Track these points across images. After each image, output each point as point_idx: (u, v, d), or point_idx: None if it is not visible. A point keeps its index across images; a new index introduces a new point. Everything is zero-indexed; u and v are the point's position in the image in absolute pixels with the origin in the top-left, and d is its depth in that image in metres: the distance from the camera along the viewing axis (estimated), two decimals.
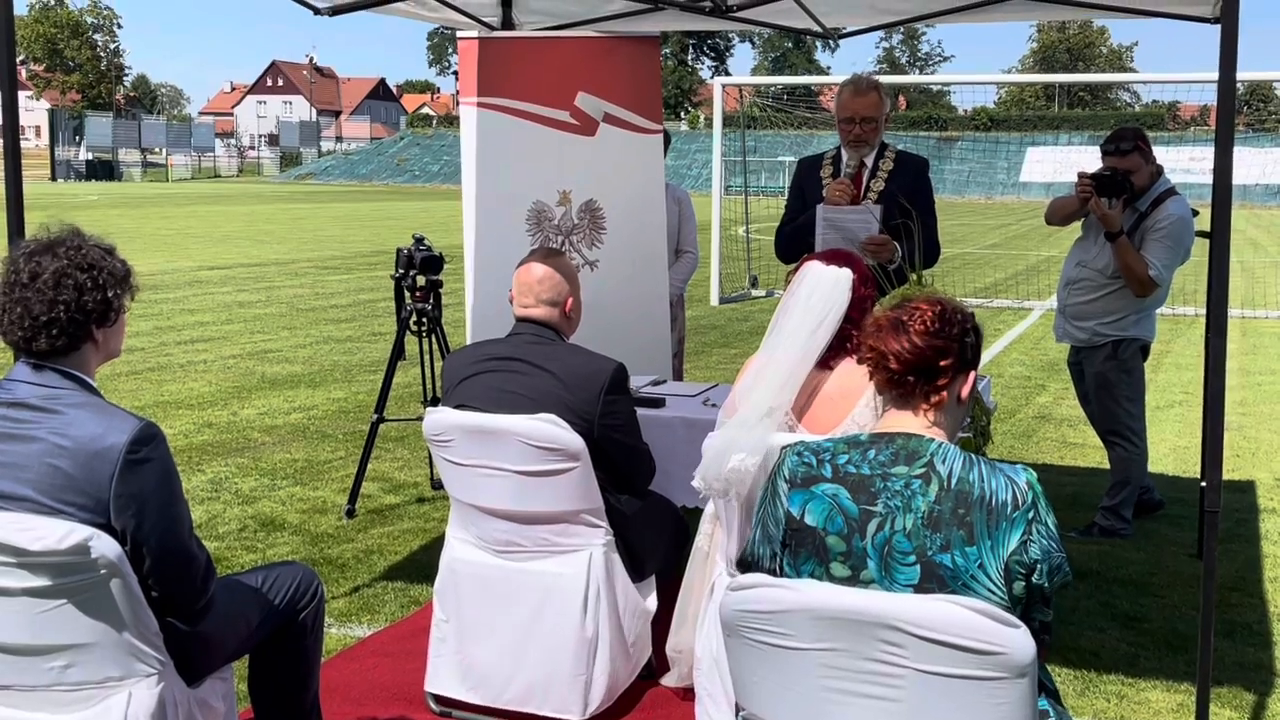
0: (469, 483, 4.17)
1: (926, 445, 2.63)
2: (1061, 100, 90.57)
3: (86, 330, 2.98)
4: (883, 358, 2.70)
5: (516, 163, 6.22)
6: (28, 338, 2.94)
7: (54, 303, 2.93)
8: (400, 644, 4.82)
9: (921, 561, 2.54)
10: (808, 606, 2.46)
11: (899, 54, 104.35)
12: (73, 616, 2.90)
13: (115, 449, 2.86)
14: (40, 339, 2.93)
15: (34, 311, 2.92)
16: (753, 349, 13.50)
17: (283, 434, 8.47)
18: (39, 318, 2.92)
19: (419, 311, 6.60)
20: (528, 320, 4.26)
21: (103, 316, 3.00)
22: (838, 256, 3.93)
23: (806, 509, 2.65)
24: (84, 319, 2.96)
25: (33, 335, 2.93)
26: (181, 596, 3.04)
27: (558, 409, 4.04)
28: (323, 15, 5.49)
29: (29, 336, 2.94)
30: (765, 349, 3.88)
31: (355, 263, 22.27)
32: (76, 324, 2.95)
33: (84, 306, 2.95)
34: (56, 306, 2.93)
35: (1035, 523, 2.56)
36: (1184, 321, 15.44)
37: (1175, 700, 4.44)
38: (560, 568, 4.18)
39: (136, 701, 2.98)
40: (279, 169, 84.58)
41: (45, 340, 2.93)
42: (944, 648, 2.36)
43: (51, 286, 2.93)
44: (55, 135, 74.34)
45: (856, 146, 5.42)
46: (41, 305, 2.92)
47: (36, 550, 2.80)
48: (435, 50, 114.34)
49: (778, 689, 2.55)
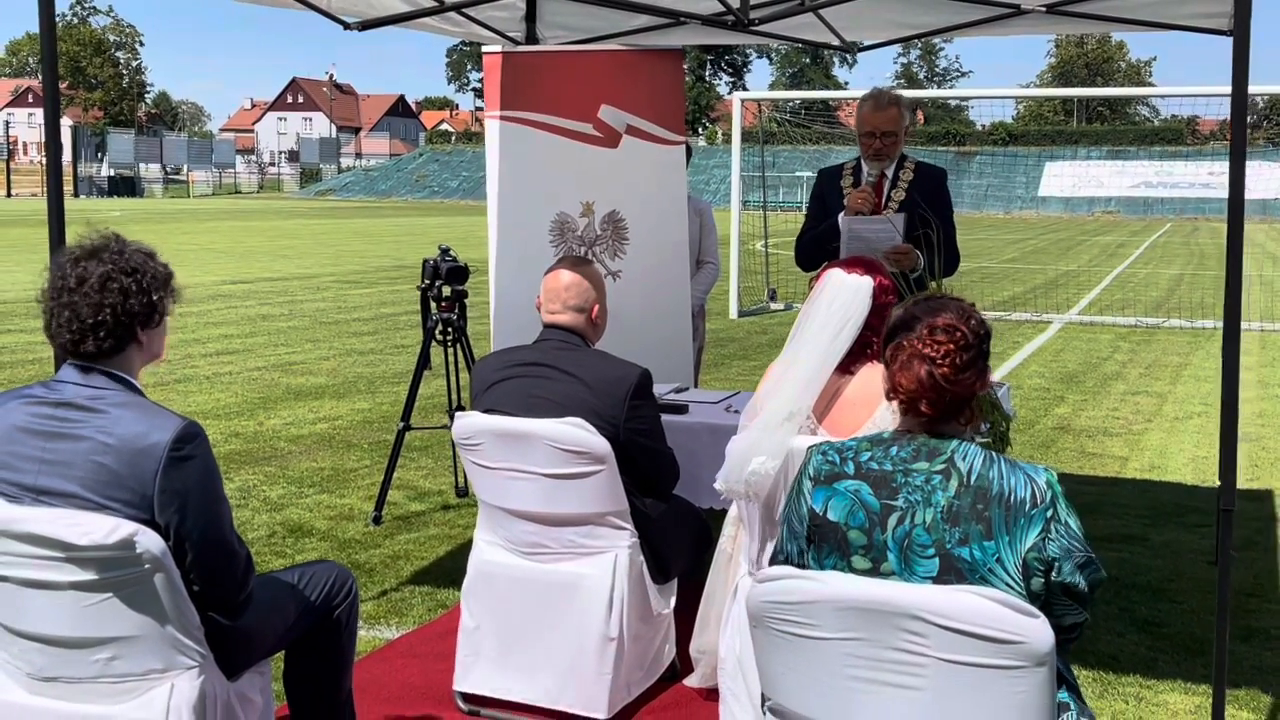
0: (497, 486, 4.26)
1: (948, 443, 2.70)
2: (1080, 115, 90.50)
3: (132, 332, 3.07)
4: (914, 401, 2.72)
5: (540, 174, 6.31)
6: (75, 340, 3.03)
7: (100, 306, 3.02)
8: (428, 645, 4.91)
9: (940, 554, 2.61)
10: (832, 597, 2.54)
11: (917, 69, 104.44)
12: (118, 610, 2.99)
13: (159, 446, 2.95)
14: (88, 341, 3.03)
15: (81, 315, 3.02)
16: (770, 360, 13.53)
17: (308, 443, 8.58)
18: (86, 321, 3.01)
19: (444, 321, 6.70)
20: (555, 326, 4.35)
21: (147, 319, 3.09)
22: (858, 264, 4.00)
23: (829, 505, 2.73)
24: (129, 321, 3.05)
25: (80, 338, 3.03)
26: (222, 591, 3.13)
27: (584, 413, 4.13)
28: (352, 30, 5.60)
29: (77, 339, 3.03)
30: (787, 354, 3.96)
31: (376, 277, 22.43)
32: (122, 326, 3.04)
33: (129, 309, 3.05)
34: (103, 310, 3.02)
35: (1054, 521, 2.63)
36: (1203, 334, 15.45)
37: (1193, 703, 4.50)
38: (586, 569, 4.26)
39: (179, 693, 3.06)
40: (299, 185, 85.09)
41: (92, 342, 3.03)
42: (965, 637, 2.44)
43: (98, 290, 3.02)
44: (78, 152, 74.87)
45: (877, 160, 5.49)
46: (88, 309, 3.01)
47: (84, 545, 2.90)
48: (454, 67, 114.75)
49: (803, 679, 2.62)
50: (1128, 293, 21.34)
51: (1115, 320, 17.02)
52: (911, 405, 2.73)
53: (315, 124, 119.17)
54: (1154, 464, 8.30)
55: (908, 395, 2.72)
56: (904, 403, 2.74)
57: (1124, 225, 52.32)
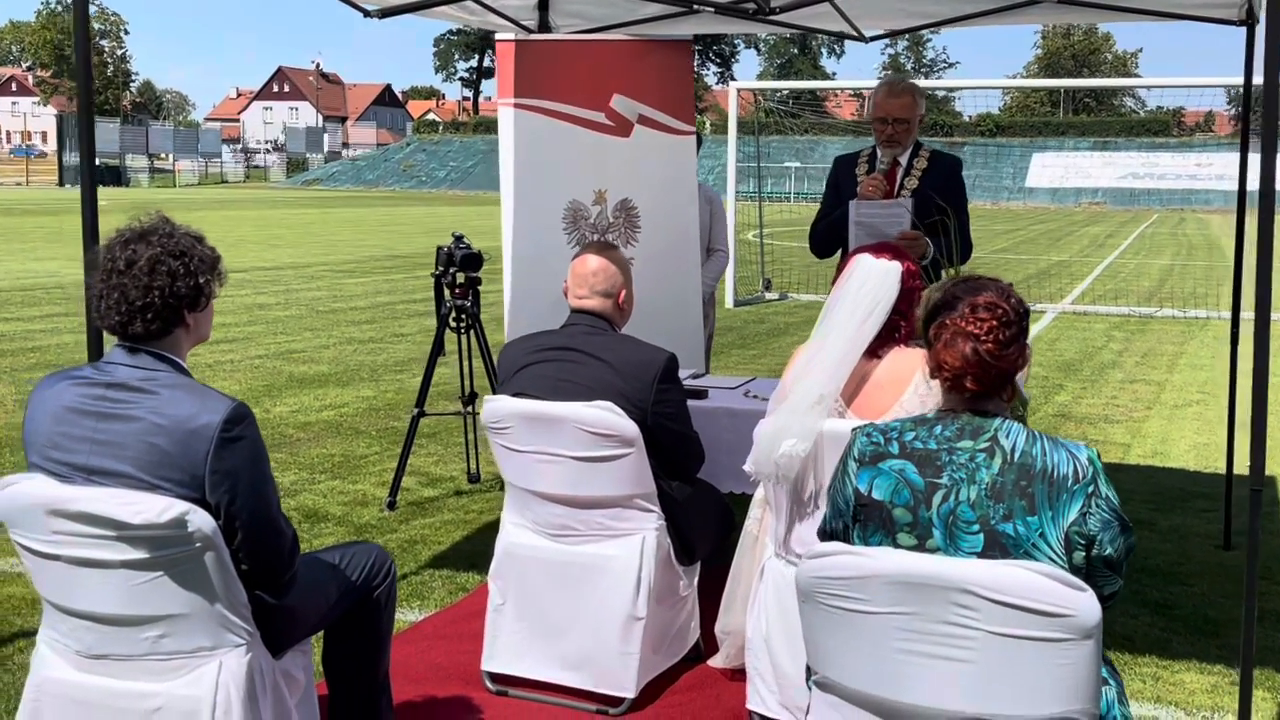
0: (526, 468, 4.31)
1: (990, 421, 2.77)
2: (1067, 106, 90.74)
3: (179, 314, 3.11)
4: (960, 378, 2.78)
5: (553, 163, 6.34)
6: (124, 322, 3.07)
7: (149, 288, 3.05)
8: (453, 627, 4.96)
9: (985, 530, 2.67)
10: (884, 572, 2.59)
11: (904, 59, 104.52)
12: (168, 588, 3.03)
13: (210, 427, 2.99)
14: (136, 323, 3.06)
15: (130, 297, 3.05)
16: (769, 350, 13.56)
17: (316, 430, 8.61)
18: (135, 303, 3.05)
19: (458, 308, 6.73)
20: (582, 311, 4.39)
21: (194, 301, 3.13)
22: (886, 249, 4.06)
23: (874, 485, 2.79)
24: (177, 304, 3.09)
25: (129, 319, 3.06)
26: (270, 569, 3.17)
27: (613, 397, 4.17)
28: (372, 17, 5.63)
29: (125, 321, 3.07)
30: (816, 338, 4.00)
31: (369, 266, 22.43)
32: (170, 308, 3.08)
33: (177, 292, 3.08)
34: (151, 292, 3.06)
35: (1095, 496, 2.70)
36: (1196, 324, 15.57)
37: (1209, 682, 4.58)
38: (614, 550, 4.30)
39: (227, 670, 3.11)
40: (285, 175, 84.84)
41: (141, 324, 3.06)
42: (1015, 610, 2.50)
43: (146, 273, 3.05)
44: (63, 141, 74.59)
45: (890, 146, 5.55)
46: (137, 291, 3.05)
47: (137, 524, 2.94)
48: (441, 56, 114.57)
49: (852, 652, 2.68)
50: (1119, 283, 21.46)
51: (1109, 310, 17.12)
52: (957, 382, 2.78)
53: (302, 113, 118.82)
54: (1156, 450, 8.38)
55: (953, 372, 2.77)
56: (949, 380, 2.80)
57: (1111, 216, 52.50)
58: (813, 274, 19.13)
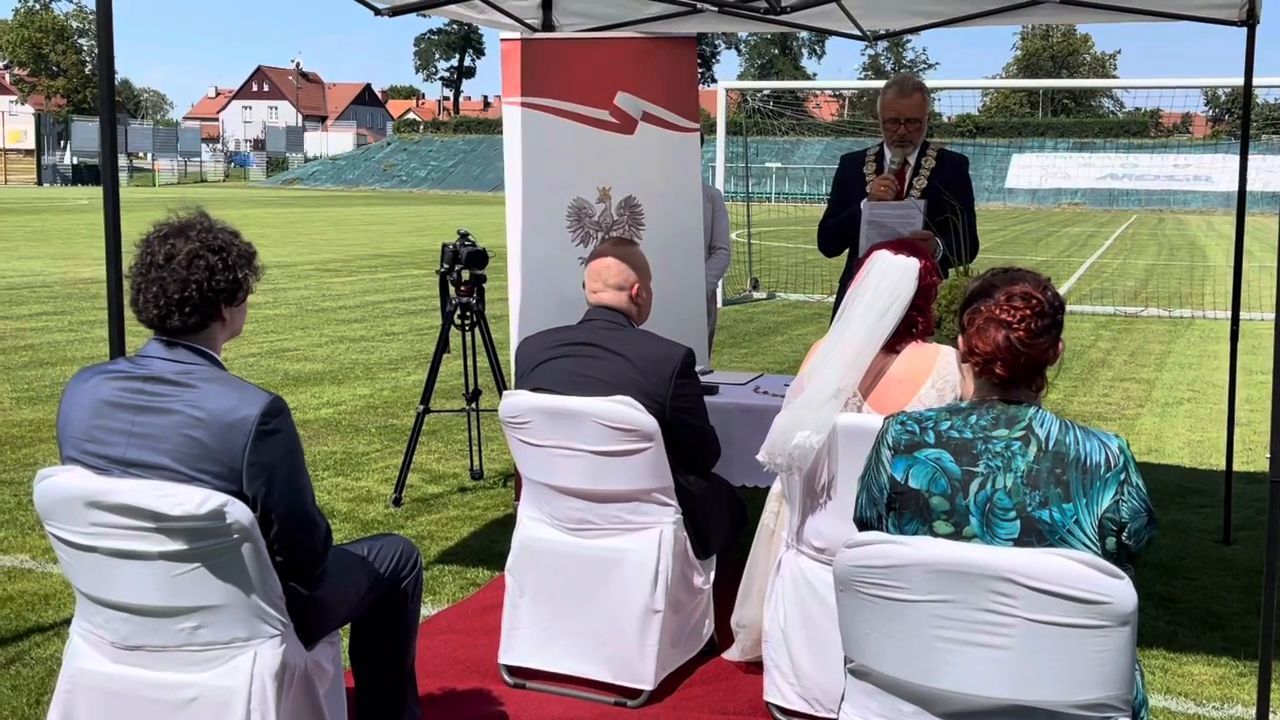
0: (544, 463, 4.34)
1: (1025, 410, 2.82)
2: (1046, 107, 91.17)
3: (216, 309, 3.13)
4: (989, 364, 2.83)
5: (558, 160, 6.36)
6: (162, 315, 3.09)
7: (187, 282, 3.08)
8: (467, 621, 4.99)
9: (1021, 517, 2.72)
10: (923, 561, 2.64)
11: (884, 60, 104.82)
12: (205, 579, 3.06)
13: (248, 421, 3.02)
14: (174, 317, 3.09)
15: (168, 291, 3.08)
16: (760, 348, 13.58)
17: (316, 428, 8.61)
18: (173, 296, 3.07)
19: (463, 306, 6.76)
20: (600, 306, 4.43)
21: (231, 296, 3.16)
22: (904, 246, 4.11)
23: (910, 473, 2.83)
24: (214, 298, 3.12)
25: (167, 313, 3.09)
26: (303, 561, 3.20)
27: (631, 392, 4.21)
28: (383, 15, 5.65)
29: (163, 314, 3.09)
30: (834, 332, 4.05)
31: (355, 265, 22.40)
32: (207, 303, 3.11)
33: (215, 286, 3.11)
34: (189, 286, 3.08)
35: (1126, 484, 2.75)
36: (1181, 323, 15.70)
37: (1216, 673, 4.64)
38: (631, 544, 4.34)
39: (261, 661, 3.13)
40: (265, 174, 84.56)
41: (178, 318, 3.09)
42: (1053, 598, 2.54)
43: (185, 267, 3.08)
44: (41, 140, 74.22)
45: (901, 146, 5.59)
46: (175, 285, 3.07)
47: (175, 515, 2.96)
48: (422, 56, 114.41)
49: (890, 640, 2.72)
50: (1103, 282, 21.59)
51: (1094, 310, 17.23)
52: (986, 368, 2.84)
53: (281, 113, 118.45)
54: (1151, 447, 8.47)
55: (983, 357, 2.83)
56: (979, 365, 2.85)
57: (1091, 217, 52.79)
58: (799, 273, 19.21)
